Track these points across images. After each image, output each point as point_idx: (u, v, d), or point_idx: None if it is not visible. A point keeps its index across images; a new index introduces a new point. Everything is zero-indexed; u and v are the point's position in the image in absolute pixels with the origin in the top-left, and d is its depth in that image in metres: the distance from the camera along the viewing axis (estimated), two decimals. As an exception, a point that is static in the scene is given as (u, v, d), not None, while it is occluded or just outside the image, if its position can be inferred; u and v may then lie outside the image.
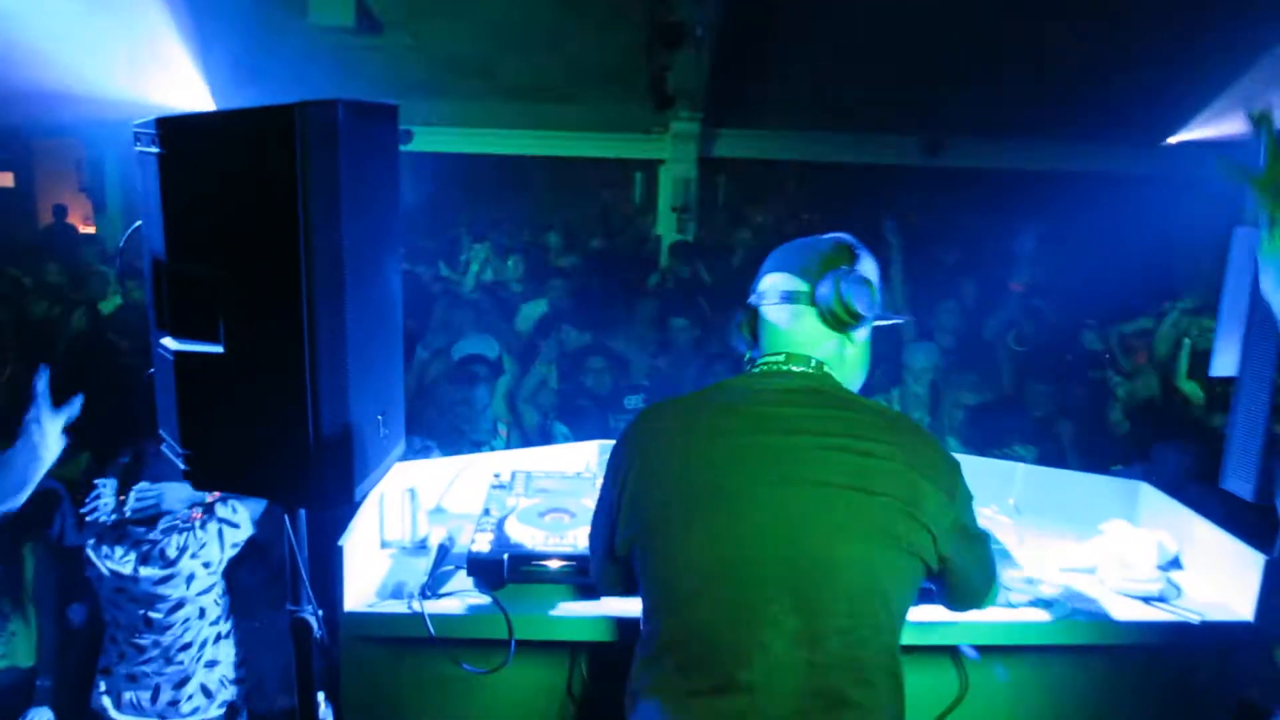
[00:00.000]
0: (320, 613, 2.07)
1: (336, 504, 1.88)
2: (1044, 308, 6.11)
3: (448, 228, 9.32)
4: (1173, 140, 8.89)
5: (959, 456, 1.76)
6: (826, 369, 1.76)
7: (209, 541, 2.80)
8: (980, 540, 1.77)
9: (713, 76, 8.76)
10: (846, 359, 1.80)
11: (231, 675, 3.01)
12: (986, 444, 4.22)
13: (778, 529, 1.58)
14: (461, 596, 2.25)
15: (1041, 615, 2.24)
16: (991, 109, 8.79)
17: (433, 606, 2.20)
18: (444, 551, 2.40)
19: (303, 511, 1.99)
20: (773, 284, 1.81)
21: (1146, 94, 7.80)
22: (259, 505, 2.93)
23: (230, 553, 2.86)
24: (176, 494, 2.83)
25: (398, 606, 2.22)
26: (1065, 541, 2.64)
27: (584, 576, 2.23)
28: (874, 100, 8.78)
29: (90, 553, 2.80)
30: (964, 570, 1.72)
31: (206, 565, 2.80)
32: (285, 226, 1.66)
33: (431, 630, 2.14)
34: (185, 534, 2.78)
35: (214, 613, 2.93)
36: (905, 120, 9.28)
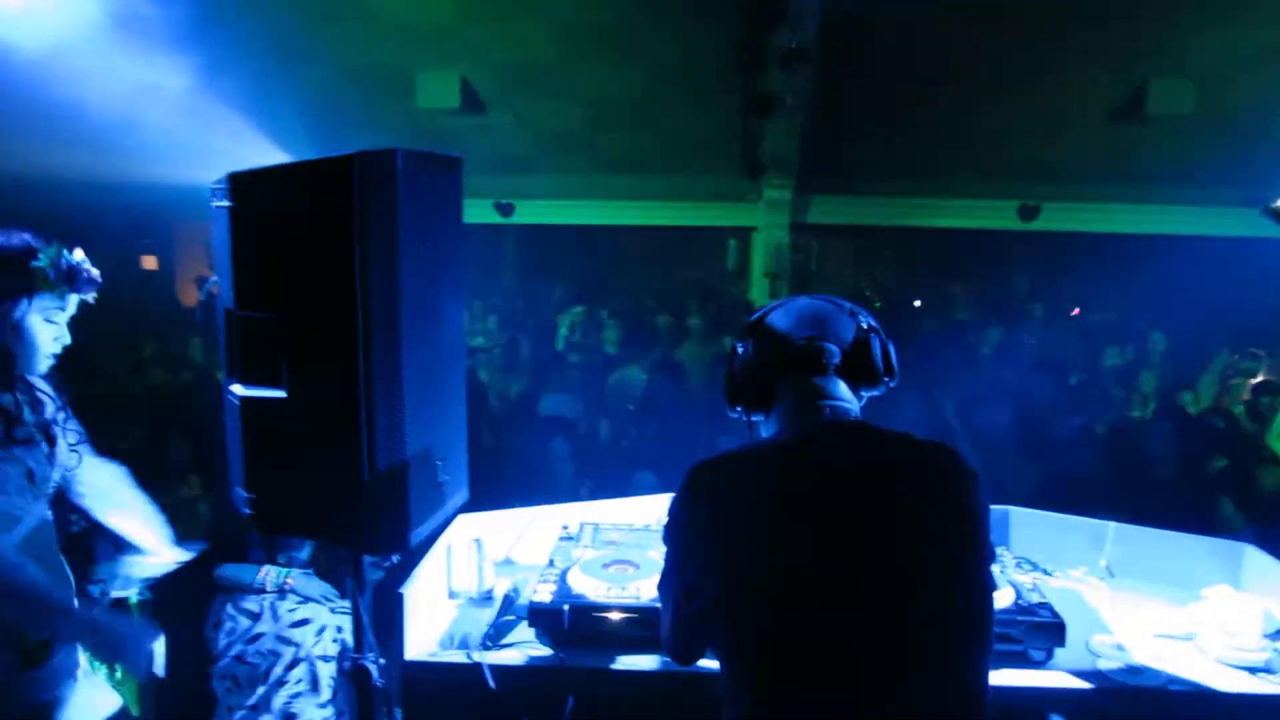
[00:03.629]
0: (382, 661, 2.08)
1: (392, 549, 1.91)
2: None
3: (546, 295, 9.53)
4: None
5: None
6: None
7: None
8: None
9: (805, 144, 8.78)
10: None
11: None
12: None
13: (876, 580, 1.51)
14: (523, 648, 2.23)
15: (1135, 684, 2.10)
16: (1089, 172, 8.58)
17: (493, 657, 2.18)
18: (508, 602, 2.39)
19: (365, 559, 2.02)
20: (807, 346, 1.77)
21: (1247, 155, 7.46)
22: None
23: None
24: None
25: (459, 657, 2.21)
26: (1161, 606, 2.47)
27: (648, 630, 2.18)
28: (967, 166, 8.66)
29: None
30: None
31: None
32: (343, 271, 1.72)
33: (491, 681, 2.13)
34: None
35: None
36: (1000, 185, 9.11)
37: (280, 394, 1.82)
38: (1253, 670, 2.16)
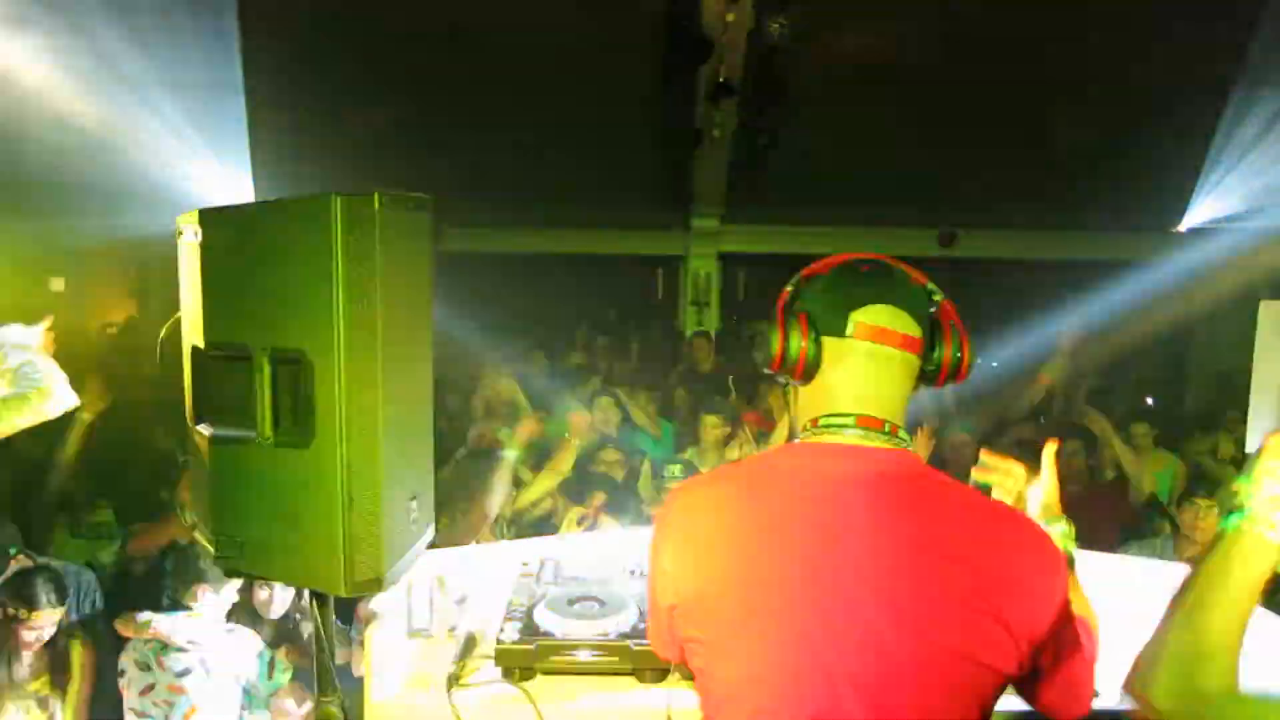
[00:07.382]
0: (346, 704, 2.04)
1: (367, 590, 1.88)
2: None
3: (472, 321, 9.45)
4: (1182, 227, 9.00)
5: None
6: (901, 435, 1.44)
7: None
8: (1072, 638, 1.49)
9: (730, 175, 8.95)
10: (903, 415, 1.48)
11: None
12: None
13: (831, 656, 1.36)
14: (490, 687, 2.21)
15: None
16: (1003, 200, 8.93)
17: (460, 696, 2.16)
18: (472, 641, 2.36)
19: (330, 599, 1.98)
20: (878, 319, 1.43)
21: (1155, 181, 7.90)
22: None
23: None
24: None
25: (424, 697, 2.18)
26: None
27: (618, 666, 2.19)
28: (887, 193, 8.92)
29: None
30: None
31: None
32: (321, 312, 1.70)
33: (459, 721, 2.10)
34: None
35: None
36: (919, 213, 9.41)
37: (251, 434, 1.79)
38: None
